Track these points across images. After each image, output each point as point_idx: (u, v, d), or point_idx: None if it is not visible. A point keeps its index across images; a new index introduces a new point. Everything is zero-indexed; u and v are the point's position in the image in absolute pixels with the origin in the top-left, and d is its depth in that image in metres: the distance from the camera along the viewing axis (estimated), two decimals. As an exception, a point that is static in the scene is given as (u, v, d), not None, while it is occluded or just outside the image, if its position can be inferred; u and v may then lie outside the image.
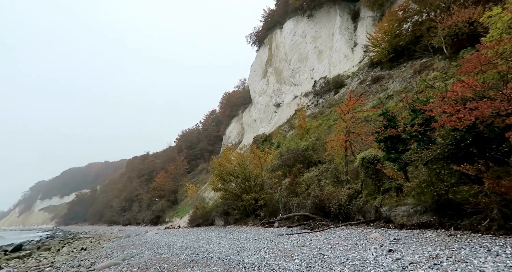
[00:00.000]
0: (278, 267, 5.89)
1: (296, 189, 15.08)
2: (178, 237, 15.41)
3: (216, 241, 11.57)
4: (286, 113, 39.76)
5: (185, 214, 32.93)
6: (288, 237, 10.06)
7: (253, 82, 54.28)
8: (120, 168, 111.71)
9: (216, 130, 66.71)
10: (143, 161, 75.63)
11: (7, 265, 12.81)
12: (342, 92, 28.71)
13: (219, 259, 7.56)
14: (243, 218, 18.09)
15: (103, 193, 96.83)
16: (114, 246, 15.12)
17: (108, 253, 12.11)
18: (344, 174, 12.89)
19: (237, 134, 58.24)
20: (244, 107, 59.52)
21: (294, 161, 17.95)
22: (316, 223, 11.70)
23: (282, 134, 29.96)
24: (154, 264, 7.95)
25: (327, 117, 24.84)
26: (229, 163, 19.62)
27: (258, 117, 49.32)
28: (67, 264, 10.43)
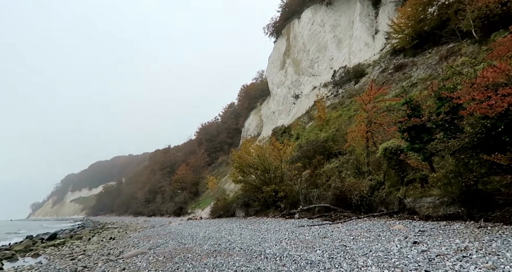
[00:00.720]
0: (299, 257, 5.90)
1: (316, 180, 14.97)
2: (200, 228, 15.77)
3: (238, 232, 11.75)
4: (305, 105, 39.26)
5: (207, 206, 33.63)
6: (309, 228, 10.05)
7: (271, 73, 53.86)
8: (144, 161, 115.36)
9: (235, 123, 67.08)
10: (165, 154, 77.58)
11: (44, 252, 13.66)
12: (362, 81, 27.91)
13: (241, 249, 7.67)
14: (264, 209, 18.23)
15: (128, 185, 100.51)
16: (140, 236, 15.68)
17: (135, 243, 12.60)
18: (366, 165, 12.63)
19: (255, 126, 58.31)
20: (263, 99, 59.33)
21: (314, 152, 17.77)
22: (337, 214, 11.60)
23: (301, 126, 29.69)
24: (179, 253, 8.17)
25: (347, 108, 24.31)
26: (248, 155, 19.73)
27: (276, 109, 49.06)
28: (98, 253, 10.95)
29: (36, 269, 9.10)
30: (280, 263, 5.68)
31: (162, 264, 6.98)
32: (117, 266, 7.64)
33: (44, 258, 11.80)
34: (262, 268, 5.43)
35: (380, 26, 30.98)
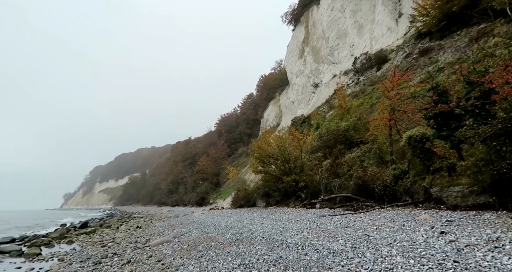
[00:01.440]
0: (321, 247, 5.88)
1: (338, 170, 14.77)
2: (222, 217, 16.06)
3: (259, 221, 11.87)
4: (325, 93, 38.51)
5: (228, 196, 34.19)
6: (330, 218, 9.98)
7: (290, 63, 53.07)
8: (166, 153, 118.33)
9: (254, 114, 67.05)
10: (186, 146, 79.12)
11: (77, 239, 14.47)
12: (385, 68, 26.90)
13: (262, 238, 7.75)
14: (284, 199, 18.28)
15: (152, 176, 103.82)
16: (165, 225, 16.20)
17: (160, 231, 13.05)
18: (389, 154, 12.30)
19: (275, 116, 58.04)
20: (281, 89, 58.77)
21: (334, 142, 17.49)
22: (359, 204, 11.43)
23: (321, 115, 29.22)
24: (202, 242, 8.36)
25: (369, 96, 23.60)
26: (268, 145, 19.72)
27: (295, 99, 48.49)
28: (126, 240, 11.45)
29: (71, 255, 9.66)
30: (302, 252, 5.69)
31: (186, 252, 7.18)
32: (144, 253, 7.96)
33: (77, 245, 12.50)
34: (284, 257, 5.46)
35: (404, 9, 29.50)
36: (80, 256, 9.13)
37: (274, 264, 5.09)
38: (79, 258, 8.73)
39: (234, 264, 5.37)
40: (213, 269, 5.24)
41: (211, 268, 5.33)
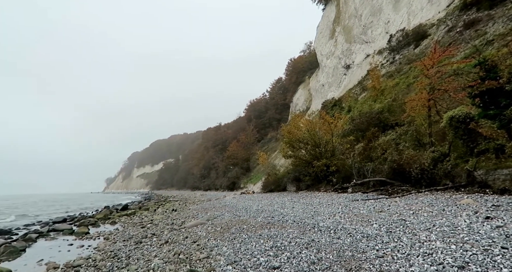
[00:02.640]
0: (355, 231, 5.76)
1: (371, 154, 14.27)
2: (253, 201, 16.33)
3: (290, 205, 11.91)
4: (357, 75, 36.87)
5: (258, 181, 34.64)
6: (363, 202, 9.74)
7: (320, 44, 51.16)
8: (197, 139, 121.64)
9: (283, 98, 66.24)
10: (216, 132, 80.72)
11: (119, 220, 15.53)
12: (424, 44, 24.98)
13: (294, 222, 7.76)
14: (315, 184, 18.13)
15: (185, 162, 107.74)
16: (199, 208, 16.83)
17: (194, 214, 13.59)
18: (428, 136, 11.59)
19: (304, 101, 56.95)
20: (311, 72, 57.17)
21: (367, 125, 16.81)
22: (394, 188, 11.01)
23: (353, 98, 28.13)
24: (234, 224, 8.57)
25: (405, 75, 22.18)
26: (298, 130, 19.47)
27: (326, 82, 47.01)
28: (163, 222, 12.07)
29: (115, 234, 10.41)
30: (335, 236, 5.62)
31: (220, 234, 7.41)
32: (181, 234, 8.33)
33: (120, 226, 13.42)
34: (316, 240, 5.43)
35: (446, -22, 26.89)
36: (122, 235, 9.79)
37: (306, 247, 5.08)
38: (122, 237, 9.37)
39: (266, 246, 5.45)
40: (246, 251, 5.35)
41: (244, 250, 5.45)
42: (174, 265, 5.04)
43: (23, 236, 11.47)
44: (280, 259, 4.57)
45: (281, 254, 4.83)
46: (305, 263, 4.19)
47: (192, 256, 5.59)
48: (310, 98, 54.28)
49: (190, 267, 4.85)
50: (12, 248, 8.85)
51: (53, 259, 7.39)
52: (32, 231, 12.92)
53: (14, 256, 8.33)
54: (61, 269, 6.12)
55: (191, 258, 5.46)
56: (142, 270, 5.05)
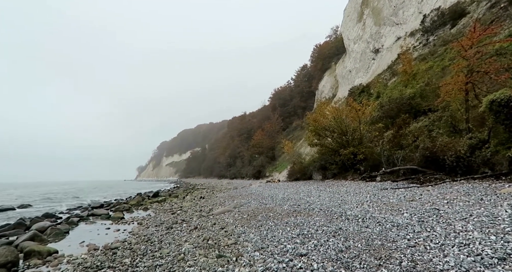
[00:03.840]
0: (384, 220, 5.62)
1: (401, 141, 13.70)
2: (279, 190, 16.40)
3: (316, 194, 11.83)
4: (387, 59, 35.20)
5: (284, 169, 34.65)
6: (393, 191, 9.45)
7: (347, 28, 49.19)
8: (223, 128, 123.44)
9: (308, 86, 65.00)
10: (241, 121, 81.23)
11: (151, 207, 16.27)
12: (462, 23, 23.22)
13: (320, 210, 7.72)
14: (342, 172, 17.84)
15: (211, 151, 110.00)
16: (225, 196, 17.19)
17: (221, 202, 13.91)
18: (464, 122, 10.91)
19: (330, 88, 55.53)
20: (337, 58, 55.39)
21: (397, 111, 16.09)
22: (426, 177, 10.56)
23: (382, 83, 26.96)
24: (261, 212, 8.68)
25: (440, 57, 20.84)
26: (323, 118, 19.10)
27: (353, 67, 45.38)
28: (192, 209, 12.49)
29: (147, 220, 10.94)
30: (363, 225, 5.52)
31: (246, 221, 7.54)
32: (209, 221, 8.58)
33: (151, 212, 14.07)
34: (344, 229, 5.37)
35: (488, -52, 24.52)
36: (154, 221, 10.27)
37: (334, 235, 5.04)
38: (154, 222, 9.83)
39: (293, 234, 5.47)
40: (273, 238, 5.41)
41: (271, 237, 5.51)
42: (203, 250, 5.22)
43: (66, 220, 12.42)
44: (307, 246, 4.57)
45: (308, 241, 4.83)
46: (333, 251, 4.16)
47: (220, 241, 5.75)
48: (337, 85, 52.81)
49: (219, 252, 4.99)
50: (57, 230, 9.61)
51: (93, 241, 7.92)
52: (73, 215, 13.97)
53: (60, 238, 9.05)
54: (101, 251, 6.55)
55: (219, 243, 5.62)
56: (173, 253, 5.28)
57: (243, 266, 4.11)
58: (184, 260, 4.77)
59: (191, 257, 4.88)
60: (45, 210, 17.07)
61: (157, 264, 4.73)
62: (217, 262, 4.43)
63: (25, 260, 6.44)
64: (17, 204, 22.21)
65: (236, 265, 4.19)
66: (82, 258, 6.03)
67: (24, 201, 24.38)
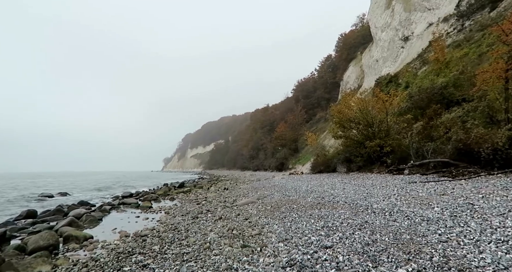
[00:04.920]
0: (413, 214, 5.43)
1: (431, 133, 13.10)
2: (302, 182, 16.30)
3: (340, 186, 11.65)
4: (417, 47, 33.50)
5: (307, 162, 34.35)
6: (422, 184, 9.10)
7: (374, 15, 47.18)
8: (246, 121, 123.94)
9: (333, 77, 63.40)
10: (264, 113, 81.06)
11: (177, 197, 16.80)
12: (503, 5, 21.52)
13: (345, 203, 7.60)
14: (367, 165, 17.39)
15: (234, 143, 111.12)
16: (249, 187, 17.36)
17: (245, 193, 14.06)
18: (503, 112, 10.22)
19: (355, 78, 53.87)
20: (364, 47, 53.46)
21: (428, 101, 15.34)
22: (459, 170, 10.05)
23: (411, 72, 25.75)
24: (284, 204, 8.67)
25: (476, 44, 19.52)
26: (348, 109, 18.60)
27: (380, 57, 43.64)
28: (216, 200, 12.73)
29: (174, 209, 11.31)
30: (390, 218, 5.37)
31: (270, 213, 7.57)
32: (233, 211, 8.72)
33: (177, 202, 14.52)
34: (370, 222, 5.25)
35: None
36: (181, 210, 10.59)
37: (360, 228, 4.95)
38: (180, 212, 10.14)
39: (317, 226, 5.43)
40: (297, 230, 5.40)
41: (294, 228, 5.51)
42: (228, 240, 5.32)
43: (99, 207, 13.15)
44: (332, 239, 4.53)
45: (333, 234, 4.78)
46: (359, 244, 4.09)
47: (244, 232, 5.83)
48: (362, 75, 51.15)
49: (243, 242, 5.06)
50: (91, 217, 10.20)
51: (124, 228, 8.33)
52: (106, 203, 14.74)
53: (94, 224, 9.60)
54: (131, 237, 6.87)
55: (243, 234, 5.70)
56: (199, 242, 5.43)
57: (268, 256, 4.14)
58: (210, 249, 4.89)
59: (216, 246, 4.99)
60: (81, 198, 18.16)
61: (184, 252, 4.88)
62: (242, 252, 4.50)
63: (64, 244, 6.91)
64: (56, 192, 23.84)
65: (260, 255, 4.23)
66: (115, 244, 6.36)
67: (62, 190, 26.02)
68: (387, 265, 3.24)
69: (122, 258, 4.99)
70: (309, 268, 3.41)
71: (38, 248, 6.07)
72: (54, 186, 33.97)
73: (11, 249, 6.17)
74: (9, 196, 21.65)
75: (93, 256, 5.51)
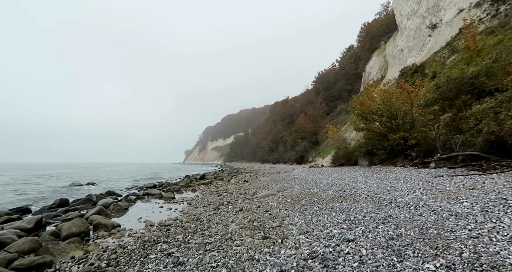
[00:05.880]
0: (440, 208, 5.24)
1: (460, 125, 12.48)
2: (323, 175, 16.13)
3: (362, 180, 11.42)
4: (446, 35, 31.79)
5: (327, 154, 33.90)
6: (449, 178, 8.73)
7: (400, 3, 45.11)
8: (265, 113, 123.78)
9: (355, 68, 61.68)
10: (283, 106, 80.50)
11: (198, 188, 17.14)
12: (541, -13, 19.93)
13: (367, 196, 7.45)
14: (390, 158, 16.92)
15: (254, 135, 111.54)
16: (269, 180, 17.40)
17: (265, 185, 14.12)
18: (541, 103, 9.55)
19: (379, 69, 52.12)
20: (388, 36, 51.46)
21: (457, 92, 14.59)
22: (490, 164, 9.54)
23: (439, 62, 24.56)
24: (305, 197, 8.63)
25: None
26: (371, 101, 18.06)
27: (405, 46, 41.86)
28: (236, 192, 12.87)
29: (196, 200, 11.56)
30: (416, 213, 5.21)
31: (290, 205, 7.56)
32: (253, 203, 8.79)
33: (199, 193, 14.82)
34: (394, 216, 5.12)
35: None
36: (202, 201, 10.82)
37: (383, 222, 4.84)
38: (202, 203, 10.35)
39: (339, 219, 5.36)
40: (318, 222, 5.36)
41: (315, 221, 5.47)
42: (249, 231, 5.37)
43: (125, 198, 13.68)
44: (354, 232, 4.46)
45: (355, 227, 4.70)
46: (383, 238, 4.00)
47: (265, 224, 5.86)
48: (386, 65, 49.40)
49: (264, 234, 5.10)
50: (118, 206, 10.64)
51: (149, 218, 8.62)
52: (131, 194, 15.31)
53: (121, 213, 10.01)
54: (156, 227, 7.11)
55: (264, 225, 5.73)
56: (221, 233, 5.52)
57: (289, 248, 4.15)
58: (232, 240, 4.96)
59: (238, 237, 5.06)
60: (107, 188, 18.97)
61: (206, 242, 4.99)
62: (263, 243, 4.54)
63: (94, 231, 7.27)
64: (85, 182, 25.06)
65: (282, 247, 4.25)
66: (141, 233, 6.61)
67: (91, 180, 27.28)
68: (413, 260, 3.15)
69: (147, 246, 5.18)
70: (331, 261, 3.38)
71: (71, 234, 6.44)
72: (83, 177, 35.62)
73: (47, 235, 6.58)
74: (44, 185, 23.03)
75: (121, 243, 5.76)
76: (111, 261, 4.59)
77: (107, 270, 4.14)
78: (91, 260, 4.80)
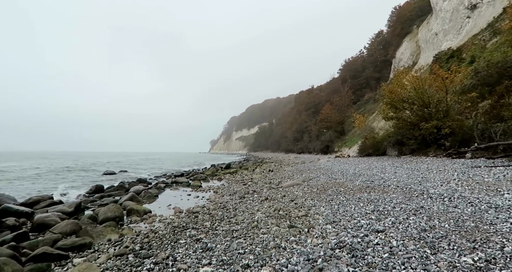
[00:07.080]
0: (477, 200, 4.95)
1: (502, 112, 11.65)
2: (349, 165, 15.81)
3: (391, 170, 11.06)
4: (487, 16, 29.38)
5: (354, 144, 33.11)
6: (488, 169, 8.23)
7: (433, -17, 42.16)
8: (290, 103, 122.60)
9: (384, 54, 58.95)
10: (308, 95, 79.22)
11: (224, 177, 17.45)
12: None
13: (397, 187, 7.21)
14: (422, 148, 16.22)
15: (278, 125, 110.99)
16: (293, 170, 17.33)
17: (290, 175, 14.08)
18: None
19: (410, 55, 49.46)
20: (420, 20, 48.43)
21: (498, 77, 13.54)
22: (535, 155, 8.87)
23: (478, 45, 22.88)
24: (331, 187, 8.50)
25: None
26: (402, 89, 17.28)
27: (440, 29, 39.24)
28: (261, 181, 12.97)
29: (222, 189, 11.81)
30: (450, 205, 4.96)
31: (316, 195, 7.50)
32: (278, 193, 8.80)
33: (225, 182, 15.10)
34: (427, 208, 4.91)
35: None
36: (228, 190, 11.01)
37: (414, 213, 4.66)
38: (228, 192, 10.54)
39: (367, 210, 5.24)
40: (345, 213, 5.27)
41: (342, 211, 5.39)
42: (275, 220, 5.40)
43: (155, 185, 14.27)
44: (383, 223, 4.33)
45: (384, 218, 4.57)
46: (414, 230, 3.86)
47: (291, 213, 5.86)
48: (418, 51, 46.77)
49: (290, 223, 5.10)
50: (149, 193, 11.12)
51: (178, 205, 8.92)
52: (160, 182, 15.94)
53: (151, 200, 10.45)
54: (185, 213, 7.35)
55: (290, 215, 5.73)
56: (247, 221, 5.60)
57: (316, 237, 4.12)
58: (258, 228, 5.01)
59: (264, 225, 5.10)
60: (139, 176, 19.83)
61: (233, 229, 5.08)
62: (289, 232, 4.54)
63: (128, 216, 7.67)
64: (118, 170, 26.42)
65: (308, 236, 4.23)
66: (171, 219, 6.87)
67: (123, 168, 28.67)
68: (448, 253, 3.01)
69: (177, 232, 5.37)
70: (360, 251, 3.32)
71: (107, 218, 6.83)
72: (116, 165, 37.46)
73: (86, 218, 7.06)
74: (82, 172, 24.56)
75: (152, 228, 6.02)
76: (144, 244, 4.81)
77: (140, 252, 4.35)
78: (125, 243, 5.07)
